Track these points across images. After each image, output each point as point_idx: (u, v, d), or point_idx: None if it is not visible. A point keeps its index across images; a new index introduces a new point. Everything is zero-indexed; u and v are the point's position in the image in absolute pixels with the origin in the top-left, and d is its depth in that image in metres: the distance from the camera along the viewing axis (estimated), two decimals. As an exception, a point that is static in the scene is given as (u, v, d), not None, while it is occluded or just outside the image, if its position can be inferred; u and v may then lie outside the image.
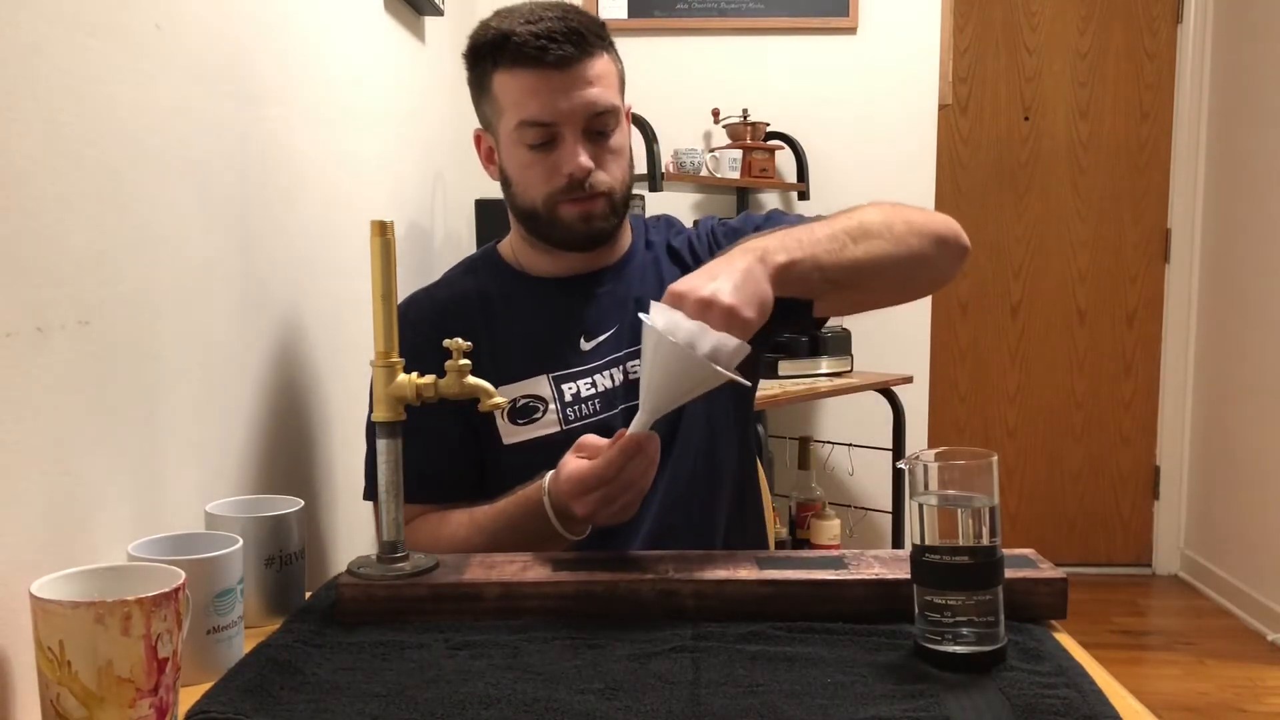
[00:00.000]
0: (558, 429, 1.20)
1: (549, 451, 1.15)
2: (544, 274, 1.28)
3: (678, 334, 0.94)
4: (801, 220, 1.26)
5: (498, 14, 1.20)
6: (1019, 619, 0.90)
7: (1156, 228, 3.72)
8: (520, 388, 1.22)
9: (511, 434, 1.21)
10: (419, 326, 1.18)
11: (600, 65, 1.18)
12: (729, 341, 0.94)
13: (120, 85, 0.90)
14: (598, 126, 1.18)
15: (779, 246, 1.05)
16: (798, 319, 1.19)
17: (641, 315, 0.98)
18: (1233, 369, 3.45)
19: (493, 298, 1.27)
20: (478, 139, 1.28)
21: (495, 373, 1.08)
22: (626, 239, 1.32)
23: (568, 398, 1.22)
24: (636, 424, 0.99)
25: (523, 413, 1.21)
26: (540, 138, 1.18)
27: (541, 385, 1.22)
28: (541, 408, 1.21)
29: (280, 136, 1.29)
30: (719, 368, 0.93)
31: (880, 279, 1.15)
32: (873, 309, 1.29)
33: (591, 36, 1.17)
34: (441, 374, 0.95)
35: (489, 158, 1.27)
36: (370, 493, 1.20)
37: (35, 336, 0.77)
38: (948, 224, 1.20)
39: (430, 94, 2.23)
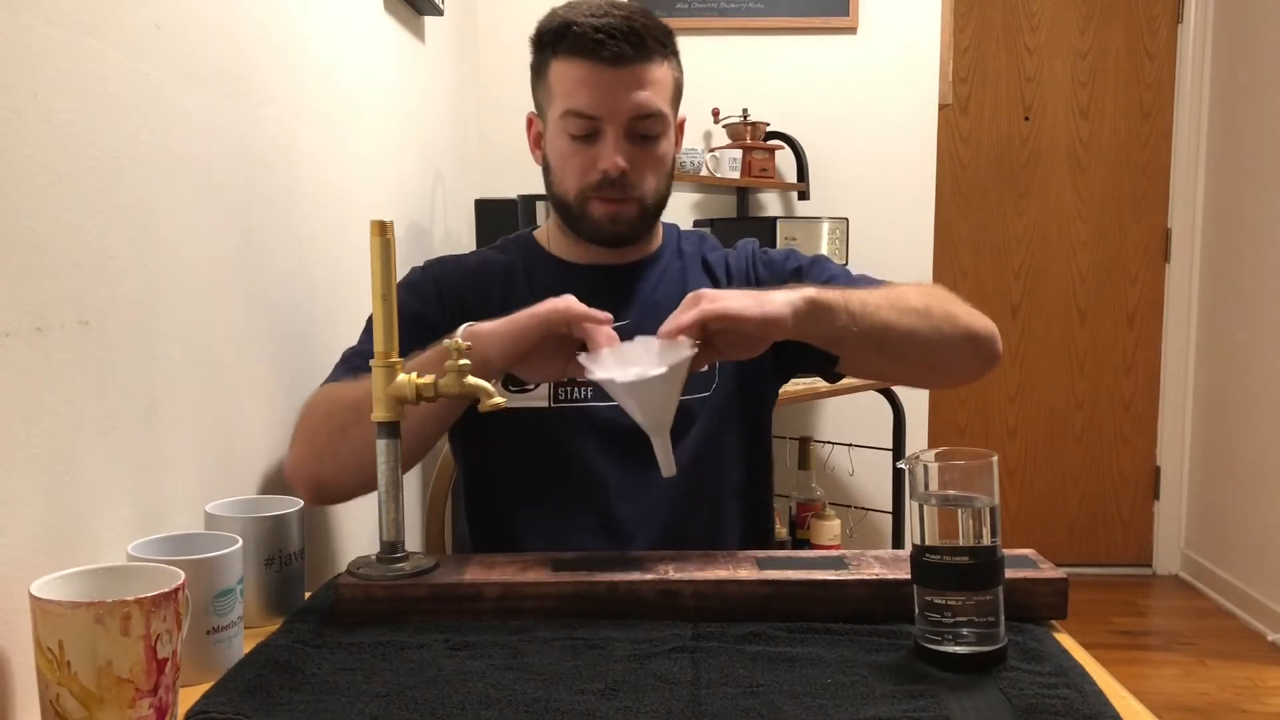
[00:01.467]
0: (545, 404, 1.23)
1: (532, 424, 1.20)
2: (571, 259, 1.29)
3: (614, 373, 0.98)
4: (845, 271, 1.30)
5: (569, 4, 1.22)
6: (1019, 619, 0.90)
7: (1156, 228, 3.72)
8: None
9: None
10: (442, 279, 1.26)
11: (655, 71, 1.19)
12: (651, 347, 1.00)
13: (120, 85, 0.90)
14: (641, 130, 1.20)
15: (816, 289, 1.08)
16: (819, 365, 1.21)
17: (584, 362, 1.01)
18: (1233, 369, 3.45)
19: (516, 272, 1.29)
20: (529, 122, 1.30)
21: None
22: (656, 241, 1.33)
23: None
24: (660, 450, 1.03)
25: (516, 381, 1.22)
26: (583, 129, 1.19)
27: None
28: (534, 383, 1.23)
29: (280, 136, 1.29)
30: (655, 371, 0.97)
31: (905, 351, 1.15)
32: (893, 384, 1.30)
33: (652, 41, 1.19)
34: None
35: (536, 142, 1.29)
36: (331, 376, 1.21)
37: (35, 336, 0.77)
38: (986, 327, 1.19)
39: (430, 94, 2.23)
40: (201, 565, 0.83)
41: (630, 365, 0.99)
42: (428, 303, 1.23)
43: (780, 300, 1.04)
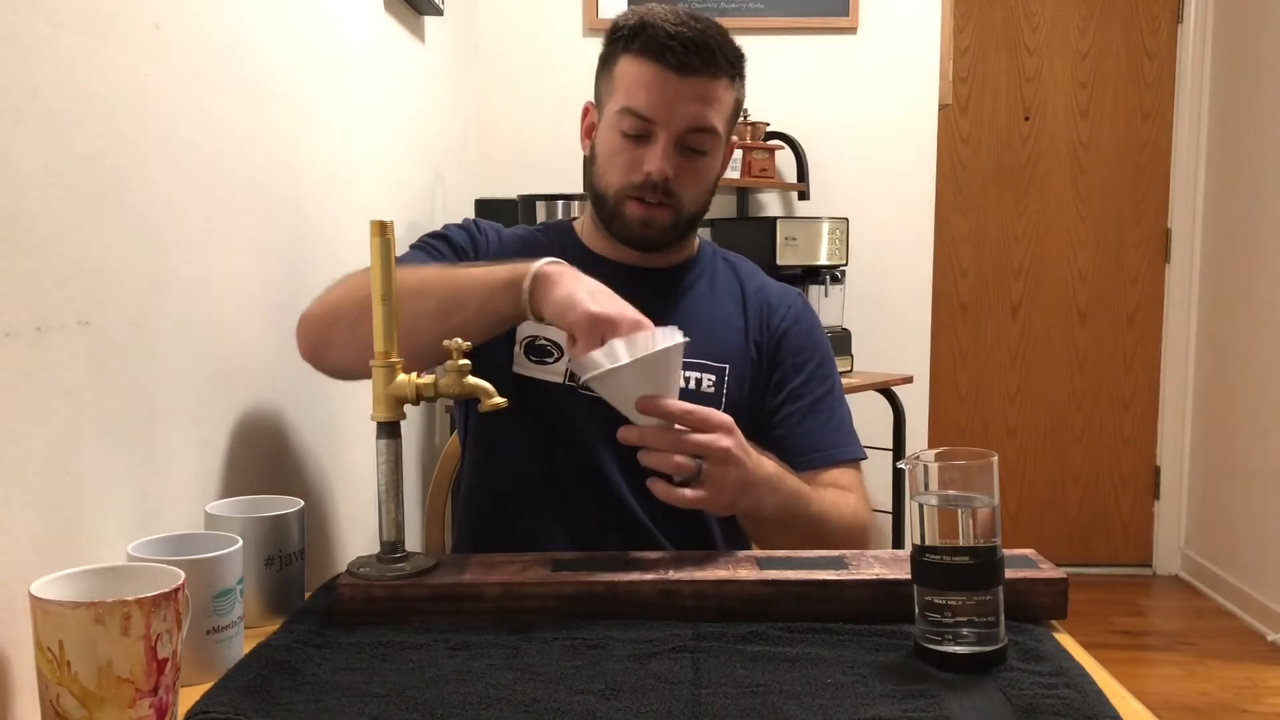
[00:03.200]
0: (560, 380, 1.24)
1: (546, 398, 1.22)
2: (603, 255, 1.30)
3: (600, 364, 0.98)
4: (837, 389, 1.35)
5: (651, 6, 1.23)
6: (1019, 619, 0.90)
7: (1156, 228, 3.72)
8: (545, 330, 1.24)
9: (521, 365, 1.25)
10: (503, 232, 1.32)
11: (719, 89, 1.21)
12: (634, 345, 0.99)
13: (120, 85, 0.90)
14: (692, 143, 1.20)
15: (773, 503, 1.10)
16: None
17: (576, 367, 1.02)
18: (1233, 369, 3.45)
19: (554, 251, 1.29)
20: (585, 111, 1.31)
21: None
22: (688, 252, 1.34)
23: None
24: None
25: (539, 351, 1.24)
26: (635, 129, 1.20)
27: (560, 334, 1.23)
28: (556, 354, 1.24)
29: (280, 136, 1.29)
30: (641, 354, 0.98)
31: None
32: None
33: (723, 59, 1.20)
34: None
35: (588, 132, 1.30)
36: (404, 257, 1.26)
37: (35, 336, 0.77)
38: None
39: (430, 94, 2.23)
40: (201, 565, 0.83)
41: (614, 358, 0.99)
42: (485, 238, 1.29)
43: (746, 501, 1.06)
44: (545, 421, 1.24)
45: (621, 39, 1.21)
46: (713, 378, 1.26)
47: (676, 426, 1.01)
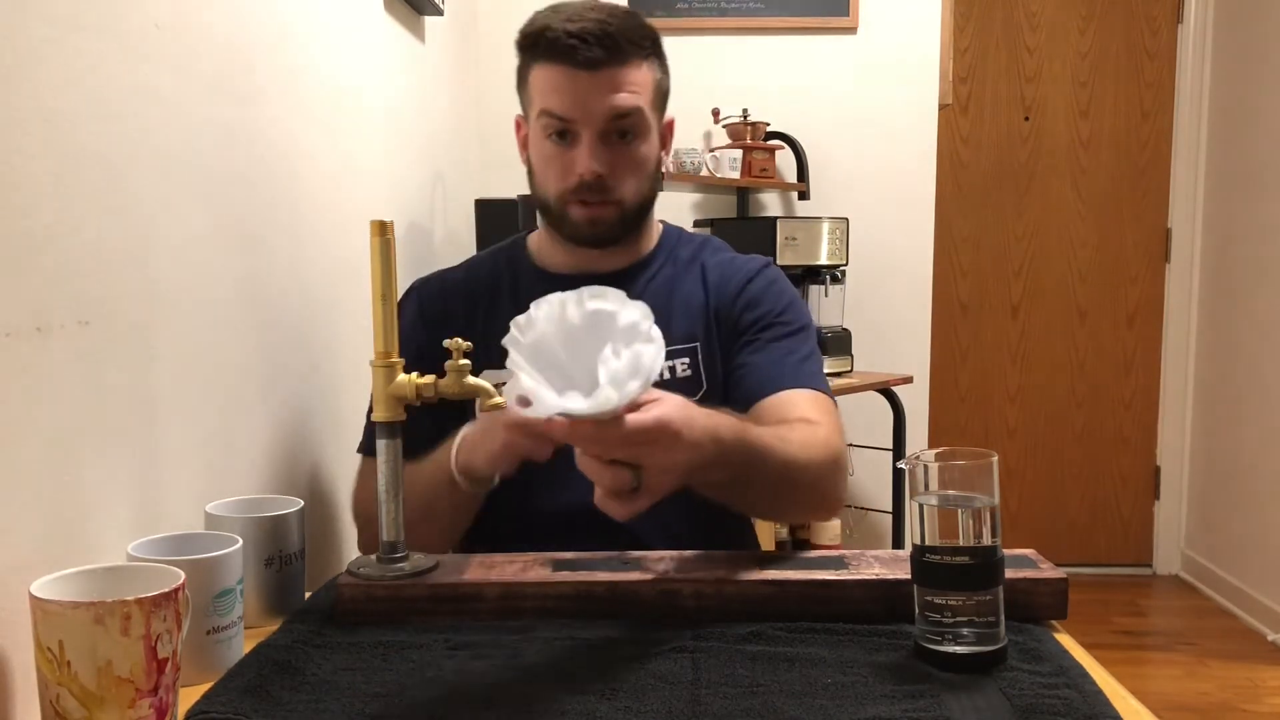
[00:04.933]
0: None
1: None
2: (556, 269, 1.29)
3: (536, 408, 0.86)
4: (805, 331, 1.27)
5: (550, 7, 1.23)
6: (1019, 619, 0.90)
7: (1156, 228, 3.72)
8: (506, 375, 1.22)
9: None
10: (424, 302, 1.29)
11: (631, 73, 1.20)
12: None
13: (120, 85, 0.90)
14: (619, 129, 1.20)
15: (724, 477, 1.02)
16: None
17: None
18: (1233, 369, 3.44)
19: (501, 287, 1.29)
20: (517, 125, 1.31)
21: (487, 356, 1.09)
22: (648, 244, 1.32)
23: None
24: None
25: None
26: (558, 128, 1.20)
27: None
28: None
29: (280, 136, 1.29)
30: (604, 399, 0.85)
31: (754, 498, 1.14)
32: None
33: (627, 44, 1.19)
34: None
35: (523, 144, 1.30)
36: (362, 447, 1.27)
37: (35, 336, 0.77)
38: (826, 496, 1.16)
39: (430, 94, 2.23)
40: (201, 565, 0.83)
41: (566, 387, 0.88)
42: (412, 328, 1.23)
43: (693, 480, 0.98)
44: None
45: (527, 48, 1.22)
46: (686, 360, 1.25)
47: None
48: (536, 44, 1.20)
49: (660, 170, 1.28)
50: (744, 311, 1.27)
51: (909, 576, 0.86)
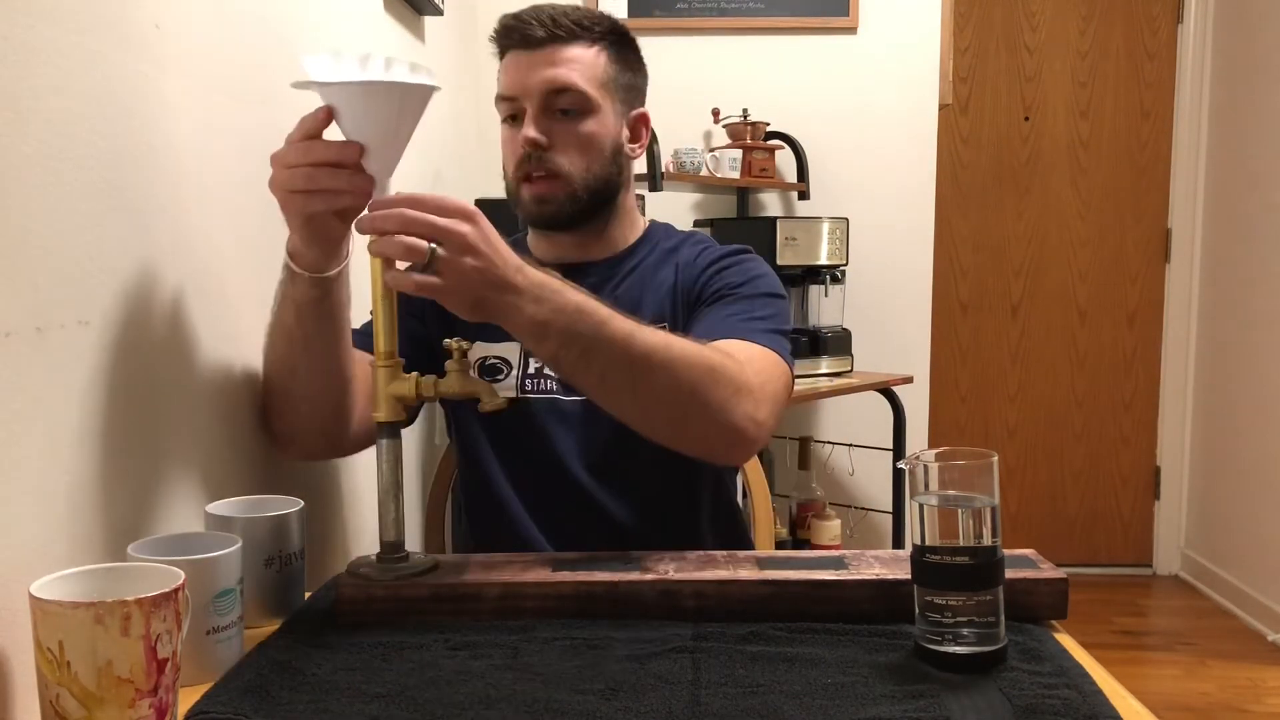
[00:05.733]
0: (514, 394, 1.26)
1: (499, 413, 1.17)
2: (541, 257, 1.30)
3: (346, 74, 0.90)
4: (767, 299, 1.22)
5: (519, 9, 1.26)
6: (1019, 619, 0.90)
7: (1156, 228, 3.72)
8: (494, 348, 1.27)
9: None
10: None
11: (574, 52, 1.21)
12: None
13: (120, 85, 0.90)
14: (558, 105, 1.21)
15: (542, 316, 0.96)
16: None
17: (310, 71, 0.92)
18: (1233, 369, 3.45)
19: None
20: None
21: (479, 331, 1.10)
22: (628, 236, 1.33)
23: (530, 369, 1.27)
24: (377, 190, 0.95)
25: (488, 371, 1.28)
26: (507, 111, 1.24)
27: (512, 351, 1.28)
28: (506, 370, 1.27)
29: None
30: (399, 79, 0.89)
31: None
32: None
33: (573, 26, 1.21)
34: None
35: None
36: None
37: (35, 336, 0.77)
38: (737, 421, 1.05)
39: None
40: (201, 565, 0.83)
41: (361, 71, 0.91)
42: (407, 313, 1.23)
43: (496, 303, 0.93)
44: (509, 435, 1.26)
45: (494, 45, 1.26)
46: None
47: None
48: (497, 37, 1.24)
49: (624, 158, 1.27)
50: (706, 284, 1.27)
51: (909, 576, 0.86)
